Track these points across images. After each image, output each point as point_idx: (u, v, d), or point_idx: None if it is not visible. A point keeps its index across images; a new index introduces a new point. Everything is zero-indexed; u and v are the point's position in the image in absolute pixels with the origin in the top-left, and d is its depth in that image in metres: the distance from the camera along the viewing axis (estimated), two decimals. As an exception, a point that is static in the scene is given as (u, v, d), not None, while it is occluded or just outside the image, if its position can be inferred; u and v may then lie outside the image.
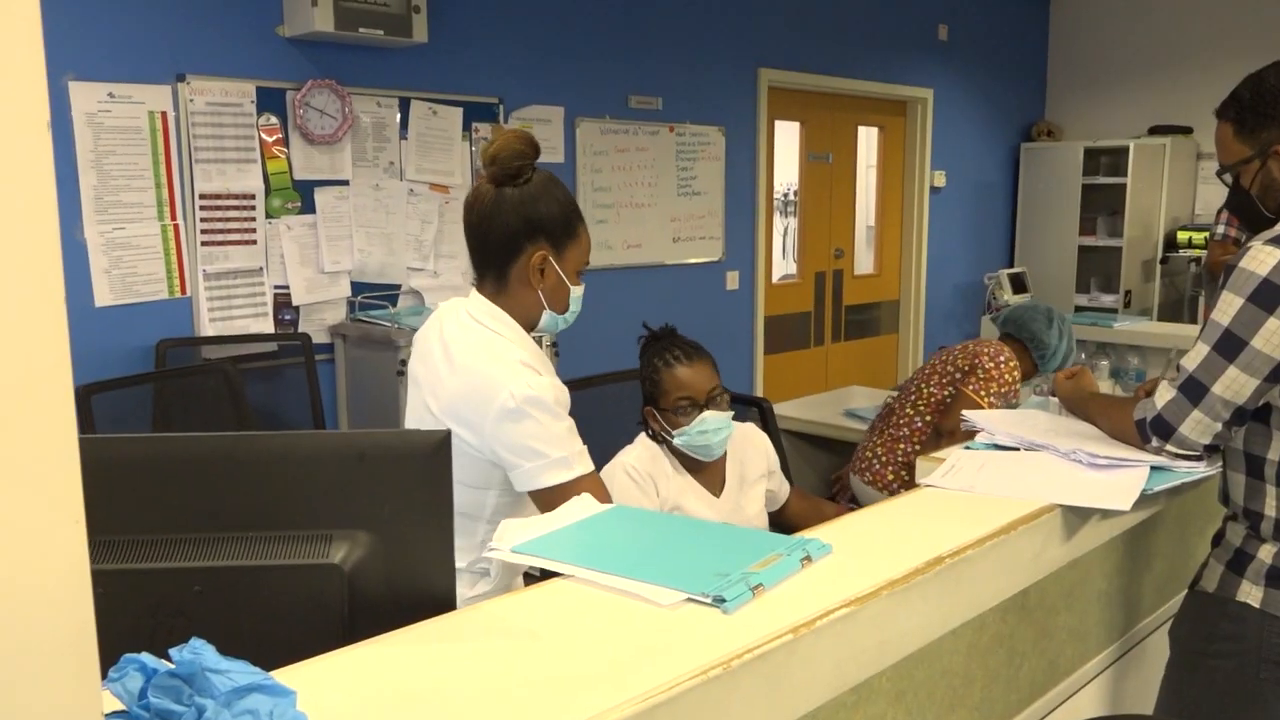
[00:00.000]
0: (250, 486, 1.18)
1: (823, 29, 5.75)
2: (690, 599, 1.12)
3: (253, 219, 3.67)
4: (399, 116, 4.04)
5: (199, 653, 0.77)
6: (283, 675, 0.95)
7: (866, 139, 6.44)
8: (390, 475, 1.17)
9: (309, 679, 0.96)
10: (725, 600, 1.10)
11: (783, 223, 6.36)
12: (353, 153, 3.90)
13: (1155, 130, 6.78)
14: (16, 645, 0.53)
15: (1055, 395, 1.99)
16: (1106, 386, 3.95)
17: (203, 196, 3.54)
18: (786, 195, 6.31)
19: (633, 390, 2.85)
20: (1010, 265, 7.08)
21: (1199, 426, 1.55)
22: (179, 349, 3.44)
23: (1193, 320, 6.36)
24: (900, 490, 2.62)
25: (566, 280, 1.71)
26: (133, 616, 1.12)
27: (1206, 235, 6.47)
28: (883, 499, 2.20)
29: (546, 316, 1.72)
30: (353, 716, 0.91)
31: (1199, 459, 1.60)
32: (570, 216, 1.70)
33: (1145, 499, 1.54)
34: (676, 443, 2.12)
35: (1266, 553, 1.56)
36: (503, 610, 1.13)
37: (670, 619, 1.09)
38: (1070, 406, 1.92)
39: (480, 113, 4.29)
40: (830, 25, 5.79)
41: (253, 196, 3.66)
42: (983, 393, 2.85)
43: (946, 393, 2.95)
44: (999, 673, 1.50)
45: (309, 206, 3.82)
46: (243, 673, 0.77)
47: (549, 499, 1.60)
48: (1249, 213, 1.69)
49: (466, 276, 4.24)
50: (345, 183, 3.90)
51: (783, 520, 2.37)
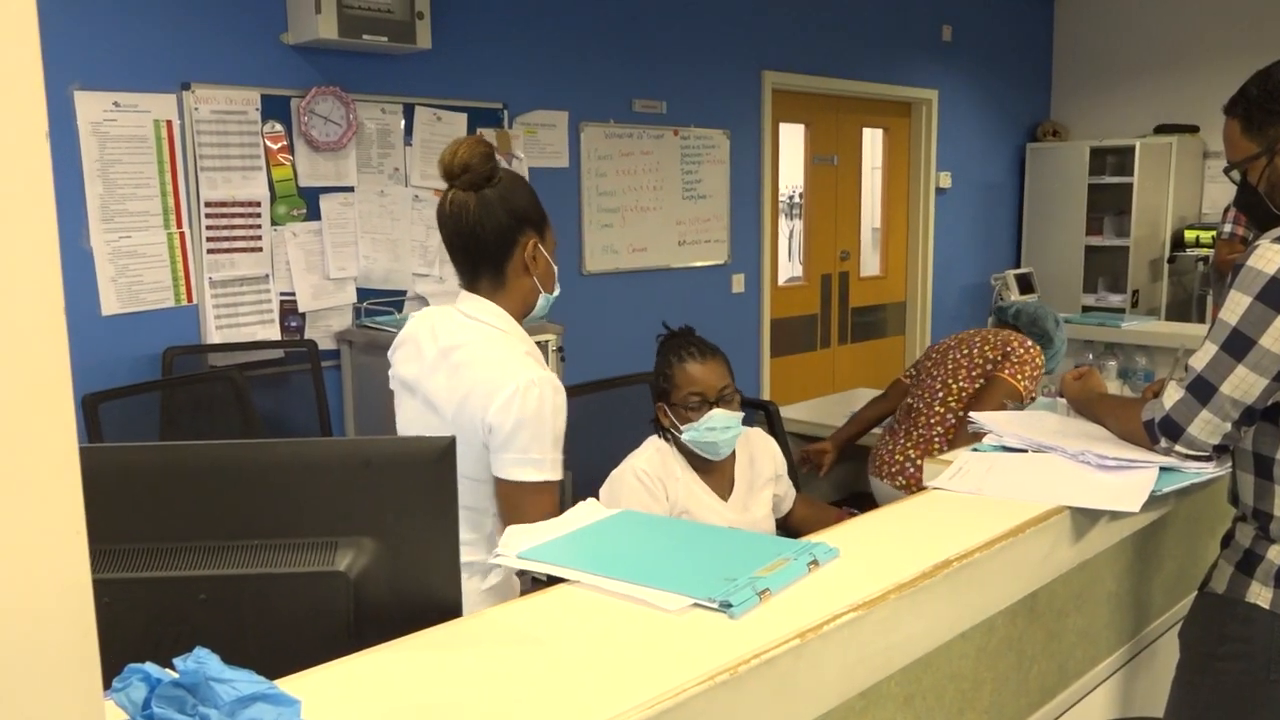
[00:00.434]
0: (255, 494, 1.18)
1: (826, 31, 5.74)
2: (697, 604, 1.12)
3: (258, 226, 3.68)
4: (403, 123, 4.04)
5: (203, 662, 0.77)
6: (288, 684, 0.95)
7: (871, 140, 6.44)
8: (395, 482, 1.17)
9: (314, 687, 0.95)
10: (732, 605, 1.10)
11: (788, 225, 6.36)
12: (357, 159, 3.91)
13: (1161, 129, 6.76)
14: (17, 657, 0.53)
15: (1063, 396, 1.98)
16: (1114, 387, 3.94)
17: (208, 204, 3.55)
18: (792, 198, 6.30)
19: (640, 393, 2.85)
20: (1017, 266, 7.06)
21: (1208, 427, 1.54)
22: (186, 357, 3.45)
23: (1201, 319, 6.34)
24: None
25: (552, 260, 1.82)
26: (139, 625, 1.12)
27: (1214, 234, 6.44)
28: None
29: (541, 299, 1.81)
30: (358, 725, 0.91)
31: (1208, 459, 1.59)
32: (538, 202, 1.81)
33: (1154, 500, 1.52)
34: (684, 438, 2.12)
35: (1276, 553, 1.55)
36: (509, 617, 1.13)
37: (677, 625, 1.08)
38: (1078, 407, 1.91)
39: (484, 118, 4.29)
40: (834, 27, 5.78)
41: (258, 204, 3.67)
42: (1019, 377, 2.85)
43: (978, 384, 2.93)
44: (1008, 676, 1.50)
45: (314, 213, 3.82)
46: (247, 682, 0.77)
47: (513, 493, 1.65)
48: (1257, 210, 1.68)
49: (472, 282, 4.25)
50: (350, 189, 3.90)
51: (788, 526, 2.37)
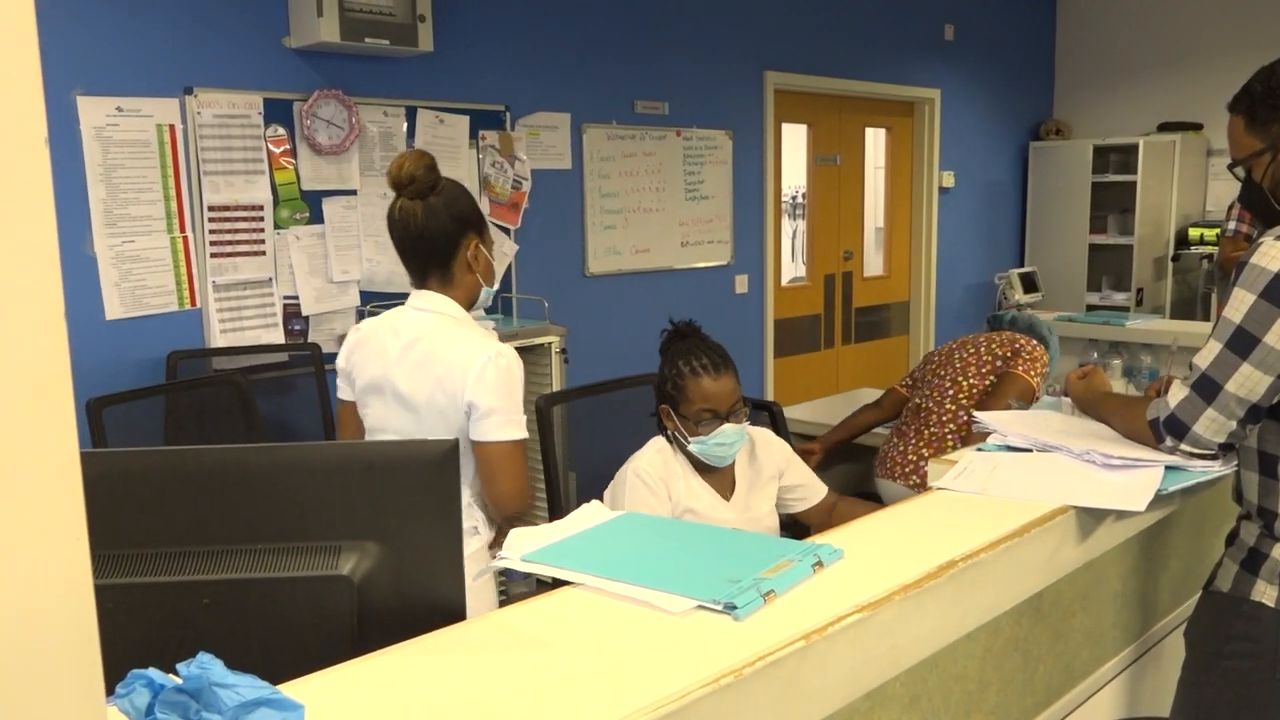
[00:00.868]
0: (258, 499, 1.17)
1: (828, 31, 5.74)
2: (701, 606, 1.11)
3: (261, 230, 3.68)
4: (406, 126, 4.04)
5: (206, 667, 0.77)
6: (291, 688, 0.95)
7: (874, 140, 6.43)
8: (398, 485, 1.17)
9: (318, 692, 0.95)
10: (736, 607, 1.09)
11: (791, 225, 6.35)
12: (360, 162, 3.91)
13: (1165, 127, 6.74)
14: (18, 663, 0.53)
15: (1068, 395, 1.97)
16: (1119, 385, 3.93)
17: (211, 208, 3.55)
18: (795, 198, 6.30)
19: (644, 395, 2.84)
20: (1021, 265, 7.05)
21: (1213, 425, 1.54)
22: (190, 361, 3.45)
23: (1205, 317, 6.32)
24: None
25: (491, 257, 2.05)
26: (142, 630, 1.12)
27: (1218, 232, 6.43)
28: None
29: (484, 291, 2.05)
30: (362, 729, 0.91)
31: (1214, 458, 1.59)
32: (477, 207, 2.05)
33: (1160, 499, 1.52)
34: (692, 449, 2.13)
35: (1282, 552, 1.54)
36: (513, 620, 1.13)
37: (681, 627, 1.08)
38: (1083, 406, 1.90)
39: (487, 120, 4.29)
40: (836, 27, 5.78)
41: (261, 207, 3.67)
42: (1032, 373, 2.92)
43: (989, 381, 2.98)
44: (1014, 677, 1.49)
45: (317, 217, 3.82)
46: (250, 687, 0.77)
47: (497, 454, 1.90)
48: (1261, 207, 1.68)
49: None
50: (353, 192, 3.90)
51: (831, 524, 2.31)
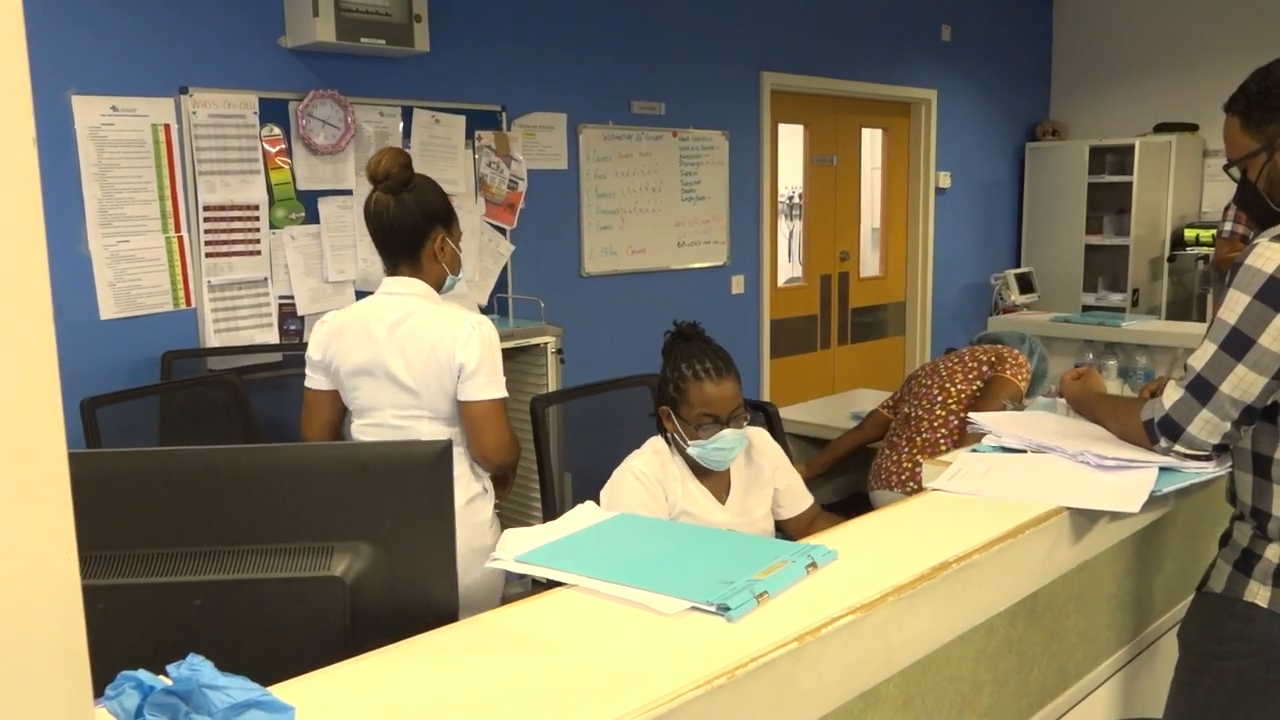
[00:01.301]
0: (251, 499, 1.17)
1: (825, 31, 5.74)
2: (694, 607, 1.11)
3: (256, 230, 3.68)
4: (402, 125, 4.04)
5: (196, 669, 0.76)
6: (284, 689, 0.95)
7: (871, 141, 6.43)
8: (392, 486, 1.17)
9: (310, 693, 0.95)
10: (730, 609, 1.09)
11: (788, 226, 6.35)
12: (356, 162, 3.90)
13: (1161, 128, 6.75)
14: (4, 666, 0.52)
15: (1062, 396, 1.97)
16: (1115, 386, 3.93)
17: (206, 208, 3.54)
18: (791, 198, 6.30)
19: (640, 396, 2.84)
20: (1017, 265, 7.05)
21: (1208, 426, 1.54)
22: (184, 361, 3.44)
23: (1201, 318, 6.32)
24: None
25: (457, 249, 2.22)
26: (135, 632, 1.12)
27: (1214, 233, 6.43)
28: None
29: (449, 279, 2.22)
30: (354, 731, 0.91)
31: (1208, 459, 1.59)
32: (448, 203, 2.21)
33: (1154, 500, 1.52)
34: (690, 452, 2.13)
35: (1274, 552, 1.54)
36: (505, 621, 1.13)
37: (674, 628, 1.08)
38: (1077, 407, 1.90)
39: (483, 120, 4.29)
40: (832, 27, 5.78)
41: (256, 207, 3.67)
42: (1018, 376, 3.00)
43: (976, 386, 3.05)
44: (1008, 678, 1.49)
45: (313, 216, 3.82)
46: (240, 689, 0.77)
47: (483, 412, 2.09)
48: (1256, 207, 1.68)
49: (472, 285, 4.24)
50: (349, 192, 3.90)
51: (799, 532, 2.34)
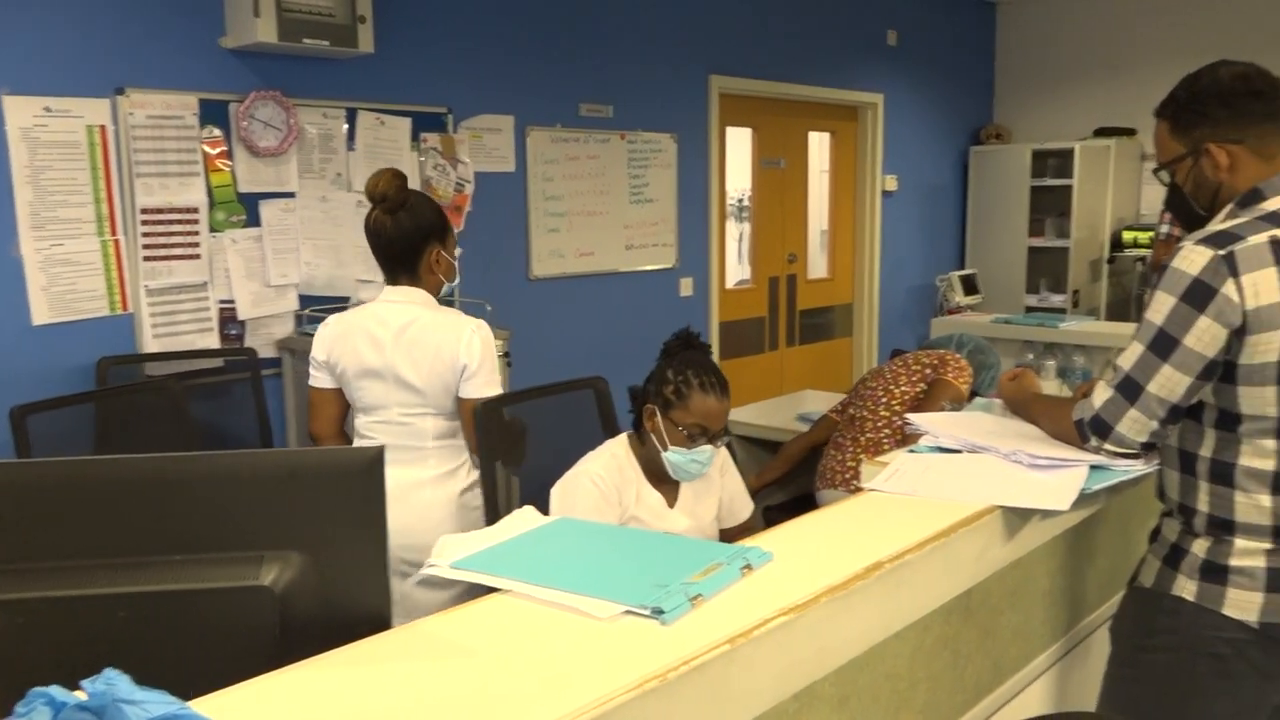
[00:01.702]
0: (178, 508, 1.15)
1: (773, 35, 5.78)
2: (629, 611, 1.11)
3: (196, 233, 3.61)
4: (346, 127, 3.99)
5: (112, 683, 0.75)
6: (209, 702, 0.94)
7: (818, 144, 6.48)
8: (322, 493, 1.15)
9: (236, 705, 0.94)
10: (663, 612, 1.10)
11: (738, 228, 6.38)
12: (299, 164, 3.85)
13: (1100, 132, 6.89)
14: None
15: (999, 396, 2.01)
16: (1053, 386, 4.01)
17: (144, 211, 3.47)
18: (740, 201, 6.33)
19: (588, 399, 2.83)
20: (962, 267, 7.15)
21: (1136, 425, 1.57)
22: (121, 367, 3.36)
23: (1139, 319, 6.44)
24: None
25: (453, 260, 2.42)
26: (58, 646, 1.09)
27: (1151, 235, 6.58)
28: None
29: (445, 287, 2.43)
30: (279, 743, 0.89)
31: (1137, 457, 1.62)
32: (443, 218, 2.39)
33: (1084, 498, 1.55)
34: (668, 456, 2.14)
35: (1200, 547, 1.58)
36: (438, 628, 1.12)
37: (608, 632, 1.08)
38: (1013, 408, 1.94)
39: (429, 123, 4.26)
40: (780, 32, 5.82)
41: (196, 210, 3.60)
42: (960, 379, 3.09)
43: (919, 388, 3.13)
44: (943, 675, 1.51)
45: (254, 219, 3.76)
46: (158, 703, 0.75)
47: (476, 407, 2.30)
48: (1184, 211, 1.72)
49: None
50: (291, 195, 3.85)
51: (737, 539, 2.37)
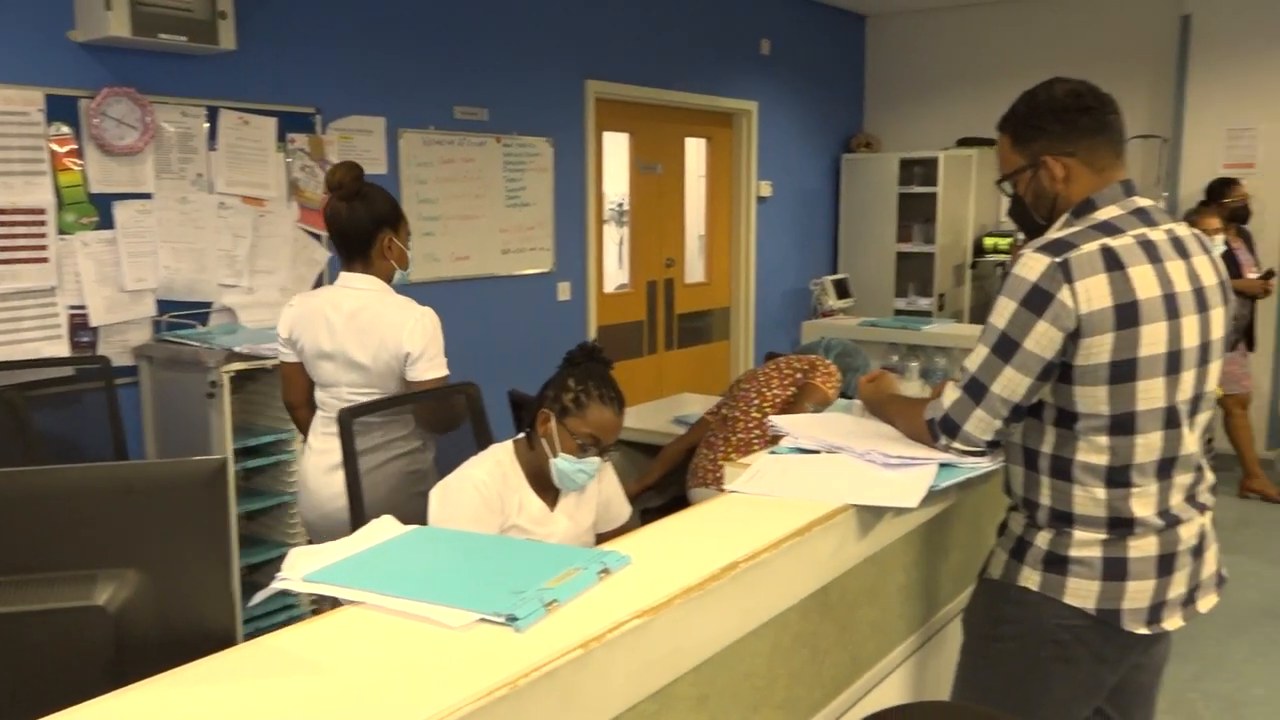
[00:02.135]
0: (6, 527, 1.09)
1: (648, 42, 5.83)
2: (483, 619, 1.11)
3: (43, 235, 3.42)
4: (207, 126, 3.85)
5: (-88, 716, 0.70)
6: (31, 730, 0.89)
7: (695, 150, 6.57)
8: (161, 508, 1.11)
9: (60, 733, 0.89)
10: (518, 618, 1.09)
11: (617, 233, 6.40)
12: (156, 164, 3.69)
13: (963, 142, 7.18)
14: None
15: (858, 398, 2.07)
16: (916, 387, 4.15)
17: (-15, 212, 3.28)
18: (620, 205, 6.36)
19: (459, 405, 2.80)
20: (834, 272, 7.35)
21: (982, 424, 1.64)
22: (-40, 377, 3.16)
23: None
24: None
25: (405, 249, 2.58)
26: None
27: (1010, 241, 6.90)
28: None
29: (398, 273, 2.58)
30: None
31: (983, 454, 1.69)
32: (397, 208, 2.58)
33: (933, 495, 1.61)
34: (556, 463, 2.13)
35: (1043, 539, 1.66)
36: (285, 644, 1.09)
37: (460, 641, 1.07)
38: (871, 408, 2.00)
39: (296, 123, 4.14)
40: (655, 38, 5.87)
41: (43, 211, 3.41)
42: (828, 384, 3.22)
43: (790, 391, 3.25)
44: (802, 670, 1.55)
45: (107, 221, 3.58)
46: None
47: (423, 387, 2.47)
48: (1025, 220, 1.81)
49: (285, 292, 4.07)
50: (148, 196, 3.68)
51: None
